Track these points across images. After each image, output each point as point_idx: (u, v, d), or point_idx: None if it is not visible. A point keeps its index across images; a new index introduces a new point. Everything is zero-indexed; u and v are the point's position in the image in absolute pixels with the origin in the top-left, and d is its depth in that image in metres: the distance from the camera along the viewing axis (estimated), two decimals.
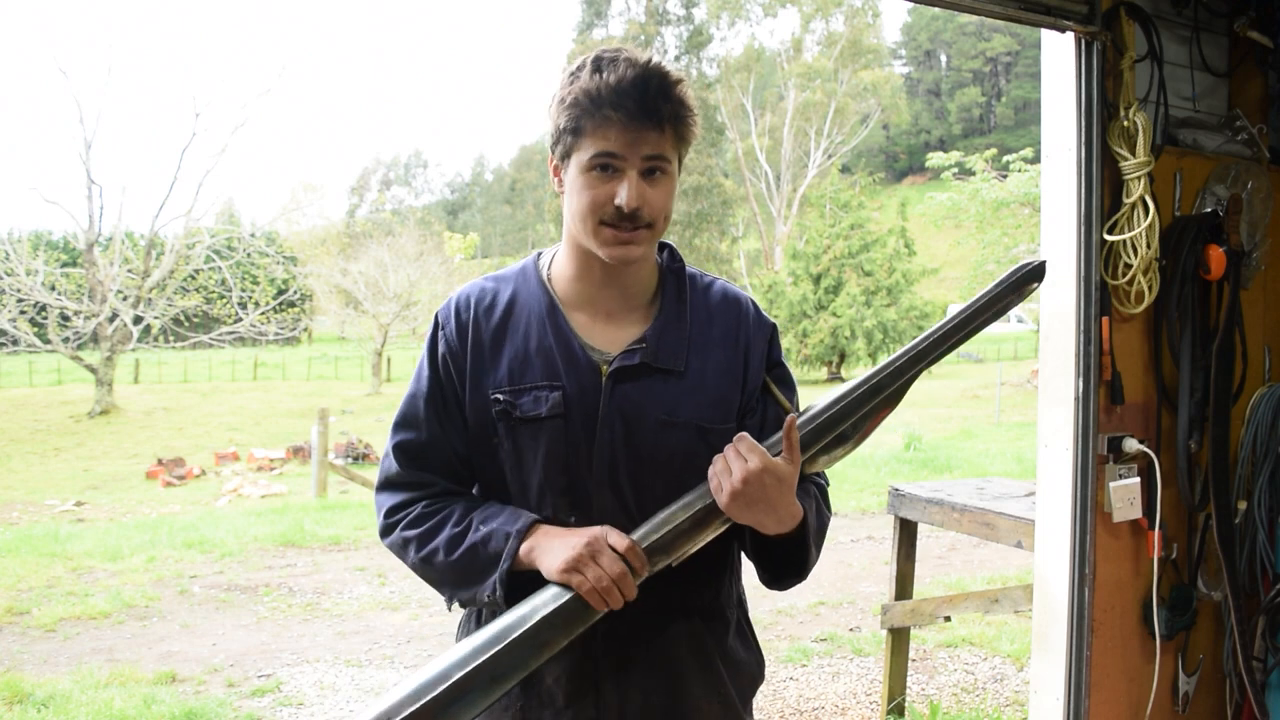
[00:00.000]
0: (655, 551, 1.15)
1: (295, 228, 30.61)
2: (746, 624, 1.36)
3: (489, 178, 79.92)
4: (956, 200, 17.70)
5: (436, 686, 1.07)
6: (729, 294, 1.34)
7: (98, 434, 19.03)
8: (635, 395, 1.22)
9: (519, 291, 1.28)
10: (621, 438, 1.21)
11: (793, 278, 27.72)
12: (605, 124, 1.15)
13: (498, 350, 1.25)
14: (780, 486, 1.14)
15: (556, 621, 1.11)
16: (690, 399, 1.24)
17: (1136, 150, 2.20)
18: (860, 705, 3.72)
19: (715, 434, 1.23)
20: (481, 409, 1.24)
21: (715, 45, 41.57)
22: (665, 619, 1.25)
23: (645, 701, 1.24)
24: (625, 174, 1.16)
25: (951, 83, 69.43)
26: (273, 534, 6.96)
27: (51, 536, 6.98)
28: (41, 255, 20.38)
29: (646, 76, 1.15)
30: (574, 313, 1.26)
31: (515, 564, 1.16)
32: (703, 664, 1.28)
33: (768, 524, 1.17)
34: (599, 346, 1.25)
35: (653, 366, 1.24)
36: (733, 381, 1.28)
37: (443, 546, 1.20)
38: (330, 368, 31.16)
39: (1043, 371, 2.36)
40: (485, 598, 1.17)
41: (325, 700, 3.82)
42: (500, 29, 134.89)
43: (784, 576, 1.27)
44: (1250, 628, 2.38)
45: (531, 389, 1.22)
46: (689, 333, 1.27)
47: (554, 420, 1.21)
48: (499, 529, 1.18)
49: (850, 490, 8.80)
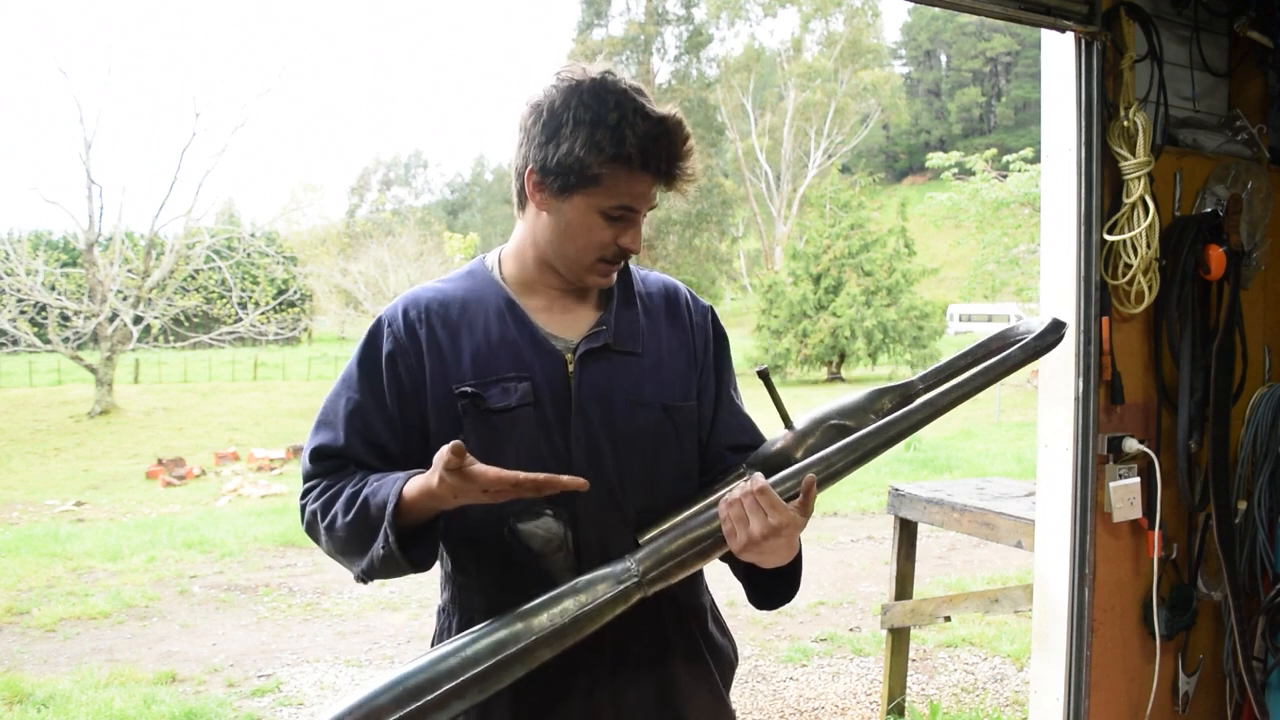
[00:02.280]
0: (656, 581, 1.15)
1: (295, 228, 30.61)
2: (716, 609, 1.38)
3: (489, 178, 79.87)
4: (956, 200, 17.70)
5: (423, 694, 1.04)
6: (666, 283, 1.39)
7: (98, 434, 19.02)
8: (602, 377, 1.23)
9: (470, 290, 1.28)
10: (597, 420, 1.22)
11: (793, 278, 27.69)
12: (631, 181, 1.17)
13: (456, 346, 1.23)
14: (793, 536, 1.15)
15: (552, 639, 1.10)
16: (652, 379, 1.27)
17: (1136, 150, 2.20)
18: (860, 705, 3.72)
19: (679, 411, 1.28)
20: (444, 407, 1.21)
21: (715, 45, 41.64)
22: (655, 613, 1.25)
23: (639, 694, 1.25)
24: (636, 221, 1.22)
25: (951, 83, 69.40)
26: (273, 534, 6.96)
27: (51, 536, 6.99)
28: (41, 255, 20.37)
29: (675, 141, 1.18)
30: (530, 306, 1.27)
31: (401, 503, 1.12)
32: (690, 653, 1.29)
33: (770, 561, 1.17)
34: (558, 334, 1.26)
35: (614, 348, 1.25)
36: (687, 360, 1.31)
37: (340, 509, 1.16)
38: (330, 368, 31.07)
39: (1043, 371, 2.36)
40: (380, 550, 1.13)
41: (325, 700, 3.82)
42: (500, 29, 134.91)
43: (776, 600, 1.29)
44: (1250, 628, 2.38)
45: (498, 380, 1.21)
46: (640, 317, 1.30)
47: (524, 409, 1.20)
48: (388, 480, 1.15)
49: (850, 490, 8.80)
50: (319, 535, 1.21)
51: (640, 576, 1.14)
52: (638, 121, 1.15)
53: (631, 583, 1.14)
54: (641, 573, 1.14)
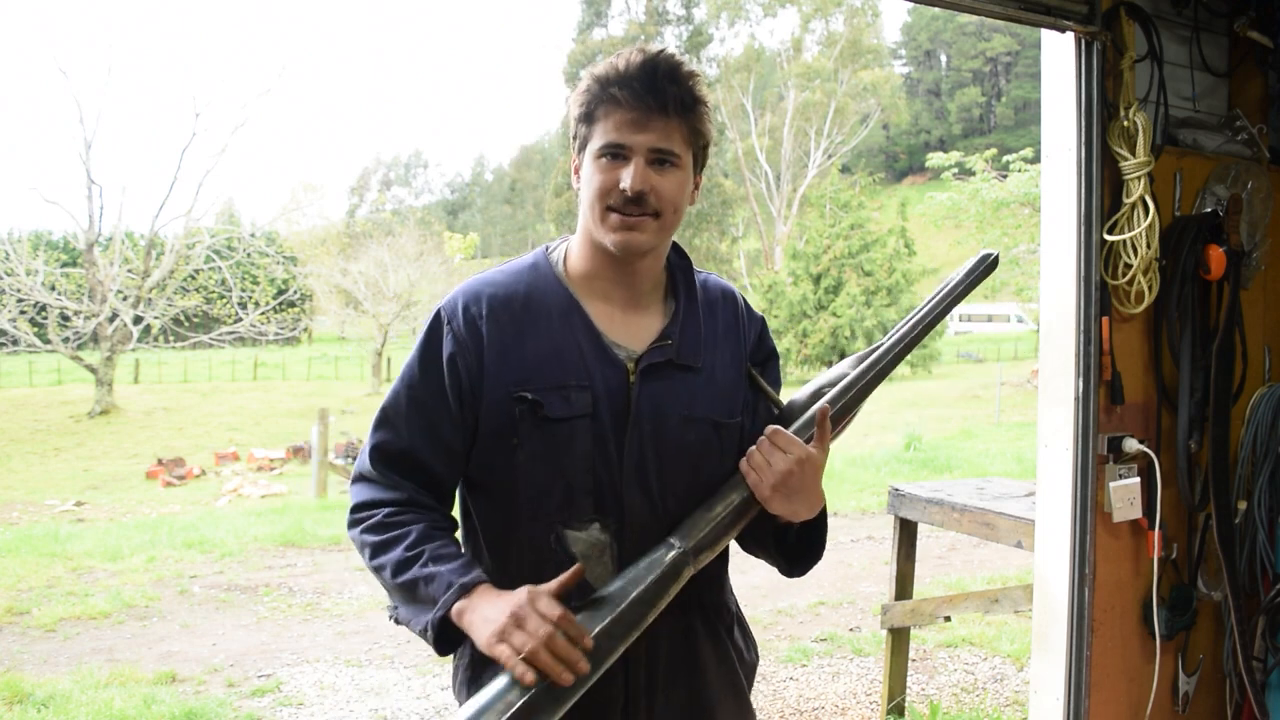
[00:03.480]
0: (702, 549, 1.16)
1: (295, 228, 30.57)
2: (742, 616, 1.39)
3: (489, 178, 79.87)
4: (956, 200, 17.70)
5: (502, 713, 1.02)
6: (725, 288, 1.36)
7: (98, 434, 19.03)
8: (660, 392, 1.22)
9: (533, 287, 1.24)
10: (649, 435, 1.21)
11: (793, 278, 27.71)
12: (614, 107, 1.17)
13: (518, 346, 1.20)
14: (816, 475, 1.16)
15: (615, 629, 1.09)
16: (704, 394, 1.25)
17: (1136, 150, 2.20)
18: (860, 705, 3.72)
19: (726, 428, 1.26)
20: (499, 410, 1.19)
21: (715, 45, 41.60)
22: (686, 618, 1.25)
23: (669, 702, 1.24)
24: (631, 160, 1.17)
25: (951, 83, 69.37)
26: (273, 534, 6.95)
27: (51, 536, 6.98)
28: (41, 255, 20.37)
29: (656, 63, 1.17)
30: (592, 308, 1.24)
31: (448, 618, 1.12)
32: (719, 659, 1.29)
33: (801, 512, 1.19)
34: (620, 342, 1.23)
35: (676, 363, 1.24)
36: (738, 375, 1.30)
37: (390, 567, 1.16)
38: (330, 368, 31.14)
39: (1043, 371, 2.36)
40: (418, 633, 1.16)
41: (325, 700, 3.82)
42: (500, 29, 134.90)
43: (805, 559, 1.29)
44: (1250, 628, 2.38)
45: (559, 387, 1.18)
46: (703, 329, 1.28)
47: (582, 419, 1.18)
48: (444, 575, 1.13)
49: (850, 490, 8.80)
50: (364, 558, 1.22)
51: (686, 548, 1.15)
52: (619, 58, 1.19)
53: (677, 554, 1.14)
54: (688, 545, 1.15)
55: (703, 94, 1.20)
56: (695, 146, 1.22)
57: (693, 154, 1.22)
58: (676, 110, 1.17)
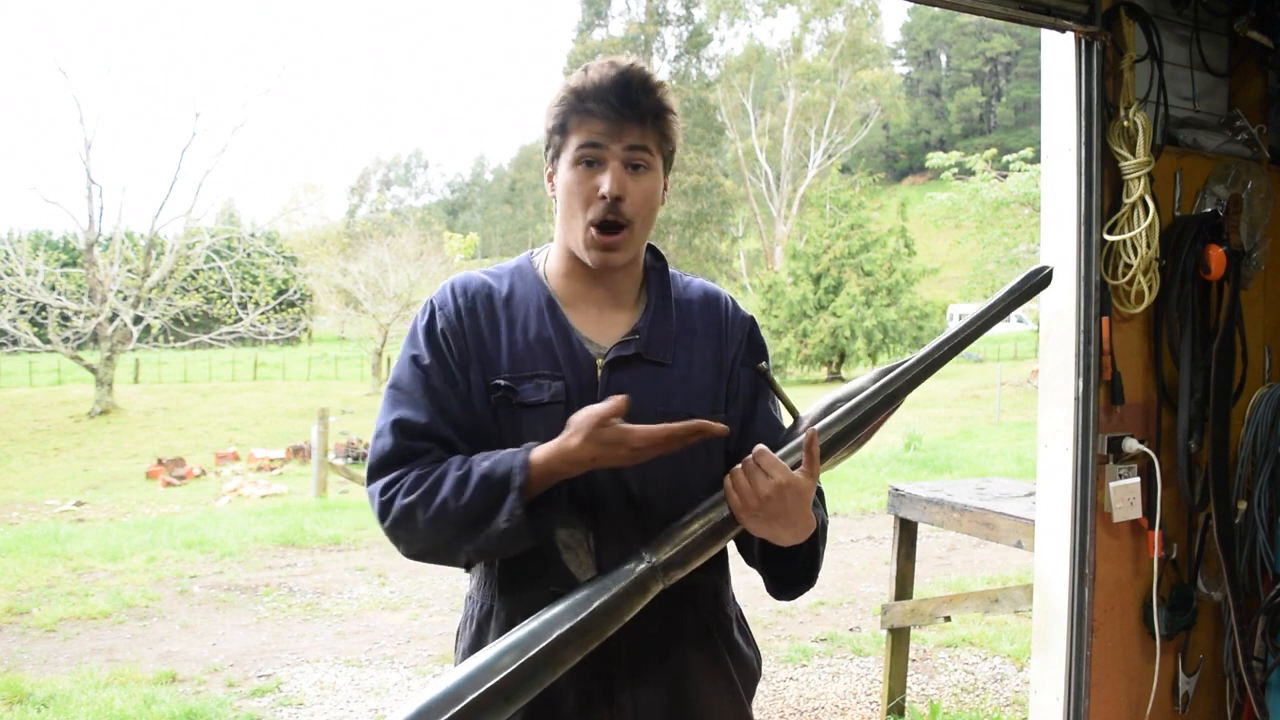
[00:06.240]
0: (672, 566, 1.14)
1: (295, 228, 30.58)
2: (743, 620, 1.38)
3: (489, 178, 79.93)
4: (956, 200, 17.72)
5: (448, 708, 1.03)
6: (709, 290, 1.38)
7: (98, 434, 19.03)
8: (630, 386, 1.22)
9: (516, 284, 1.30)
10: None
11: (793, 278, 27.72)
12: (588, 117, 1.20)
13: (496, 338, 1.25)
14: (800, 501, 1.13)
15: (573, 638, 1.08)
16: (680, 391, 1.26)
17: (1136, 150, 2.20)
18: (860, 705, 3.72)
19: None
20: (481, 398, 1.23)
21: (715, 45, 41.63)
22: (677, 621, 1.25)
23: (659, 704, 1.24)
24: (608, 164, 1.21)
25: (951, 83, 69.40)
26: (273, 534, 6.96)
27: (51, 536, 6.98)
28: (41, 255, 20.38)
29: (629, 75, 1.21)
30: (569, 308, 1.29)
31: (530, 474, 1.12)
32: (713, 663, 1.29)
33: (784, 537, 1.16)
34: (592, 338, 1.27)
35: (645, 357, 1.26)
36: (717, 374, 1.31)
37: (450, 493, 1.14)
38: (330, 368, 31.16)
39: (1043, 371, 2.36)
40: (503, 524, 1.12)
41: (325, 700, 3.82)
42: (500, 29, 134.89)
43: (795, 585, 1.28)
44: (1250, 628, 2.38)
45: (533, 377, 1.23)
46: (674, 327, 1.30)
47: (555, 406, 1.21)
48: (504, 455, 1.15)
49: (850, 490, 8.80)
50: (416, 525, 1.17)
51: (655, 564, 1.13)
52: (591, 70, 1.23)
53: (645, 569, 1.12)
54: (657, 561, 1.13)
55: (671, 103, 1.25)
56: (664, 152, 1.27)
57: (662, 158, 1.27)
58: (650, 118, 1.22)
